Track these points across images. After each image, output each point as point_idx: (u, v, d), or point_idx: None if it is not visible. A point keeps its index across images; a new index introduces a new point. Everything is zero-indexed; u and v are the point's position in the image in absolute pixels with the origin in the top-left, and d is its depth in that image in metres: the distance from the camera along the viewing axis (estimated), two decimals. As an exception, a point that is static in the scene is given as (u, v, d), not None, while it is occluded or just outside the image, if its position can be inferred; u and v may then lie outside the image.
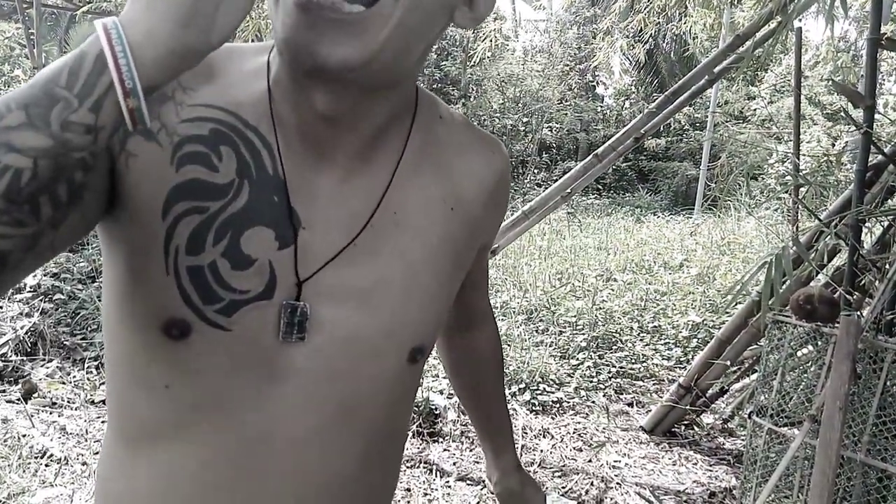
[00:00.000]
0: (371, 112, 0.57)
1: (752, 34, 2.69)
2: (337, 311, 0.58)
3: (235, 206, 0.54)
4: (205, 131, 0.54)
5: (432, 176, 0.63)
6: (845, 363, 1.49)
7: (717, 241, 6.57)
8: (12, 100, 0.39)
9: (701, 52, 10.10)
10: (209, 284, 0.54)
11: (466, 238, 0.66)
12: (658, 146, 11.92)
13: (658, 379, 3.70)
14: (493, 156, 0.69)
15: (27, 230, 0.41)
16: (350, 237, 0.58)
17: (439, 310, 0.66)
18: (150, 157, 0.52)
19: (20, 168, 0.38)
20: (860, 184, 1.82)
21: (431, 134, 0.64)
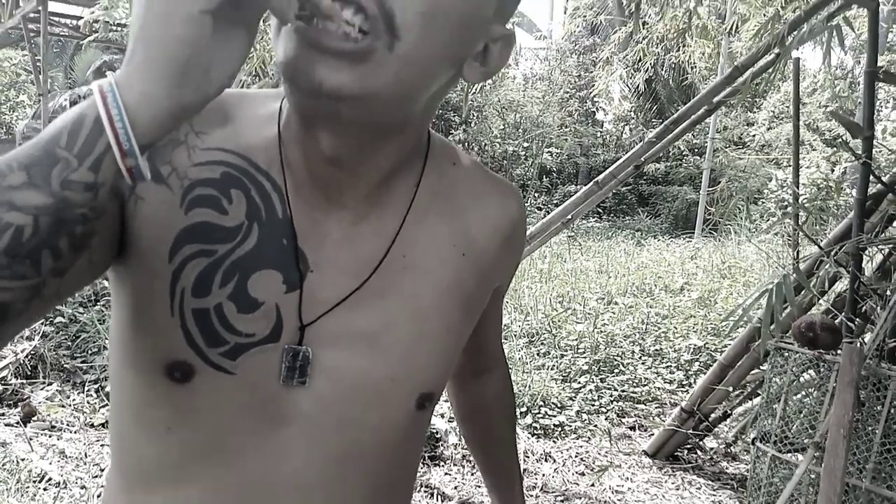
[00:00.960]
0: (378, 156, 0.56)
1: (751, 65, 2.74)
2: (342, 355, 0.57)
3: (244, 249, 0.54)
4: (216, 174, 0.55)
5: (443, 220, 0.63)
6: (848, 391, 1.50)
7: (717, 265, 6.59)
8: (15, 160, 0.40)
9: (700, 80, 10.22)
10: (214, 327, 0.54)
11: (478, 283, 0.65)
12: (658, 171, 11.99)
13: (660, 402, 3.70)
14: (508, 201, 0.68)
15: (29, 282, 0.42)
16: (358, 281, 0.58)
17: (448, 356, 0.64)
18: (159, 201, 0.53)
19: (21, 225, 0.39)
20: (860, 212, 1.84)
21: (444, 178, 0.64)
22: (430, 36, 0.48)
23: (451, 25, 0.49)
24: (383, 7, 0.45)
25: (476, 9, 0.51)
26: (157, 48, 0.40)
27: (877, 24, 1.95)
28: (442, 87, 0.55)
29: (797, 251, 2.56)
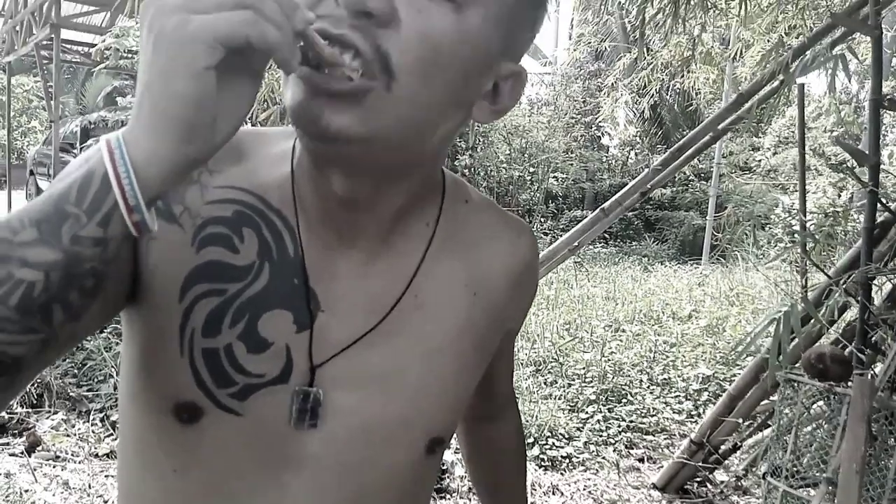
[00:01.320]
0: (389, 196, 0.57)
1: (755, 92, 2.74)
2: (352, 397, 0.57)
3: (254, 289, 0.54)
4: (228, 213, 0.55)
5: (455, 260, 0.62)
6: (860, 425, 1.47)
7: (725, 292, 6.54)
8: (26, 216, 0.41)
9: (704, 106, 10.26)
10: (224, 368, 0.53)
11: (489, 325, 0.65)
12: (664, 196, 11.97)
13: (669, 433, 3.64)
14: (520, 240, 0.68)
15: (41, 335, 0.42)
16: (370, 320, 0.58)
17: (459, 399, 0.64)
18: (171, 240, 0.53)
19: (32, 281, 0.40)
20: (868, 241, 1.82)
21: (456, 217, 0.64)
22: (429, 79, 0.48)
23: (453, 69, 0.49)
24: (378, 50, 0.46)
25: (479, 51, 0.51)
26: (162, 106, 0.40)
27: (880, 51, 1.95)
28: (452, 129, 0.55)
29: (805, 279, 2.53)
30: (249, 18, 0.39)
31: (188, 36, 0.38)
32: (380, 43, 0.46)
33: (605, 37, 11.21)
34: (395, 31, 0.46)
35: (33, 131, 18.81)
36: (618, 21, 10.79)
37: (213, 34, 0.39)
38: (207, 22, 0.39)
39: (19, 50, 9.34)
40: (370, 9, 0.45)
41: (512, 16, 0.53)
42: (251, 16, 0.39)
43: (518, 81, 0.56)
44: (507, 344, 0.75)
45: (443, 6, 0.48)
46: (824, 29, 2.67)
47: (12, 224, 0.40)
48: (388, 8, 0.46)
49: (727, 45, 5.95)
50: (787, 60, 2.50)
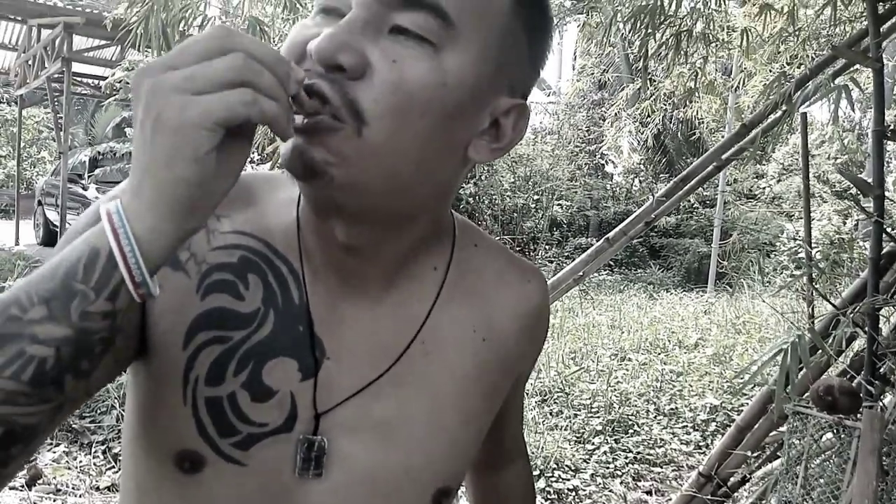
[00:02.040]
0: (393, 243, 0.56)
1: (758, 123, 2.75)
2: (358, 446, 0.56)
3: (259, 336, 0.54)
4: (234, 259, 0.55)
5: (465, 306, 0.62)
6: (871, 459, 1.45)
7: (731, 320, 6.50)
8: (34, 293, 0.41)
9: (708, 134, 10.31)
10: (227, 416, 0.53)
11: (500, 372, 0.64)
12: (669, 223, 11.98)
13: (677, 465, 3.59)
14: (530, 286, 0.67)
15: (54, 403, 0.43)
16: (377, 368, 0.57)
17: (467, 448, 0.62)
18: (176, 287, 0.53)
19: (44, 357, 0.41)
20: (874, 272, 1.81)
21: (466, 263, 0.63)
22: (405, 125, 0.48)
23: (432, 113, 0.48)
24: (346, 97, 0.46)
25: (464, 90, 0.50)
26: (166, 190, 0.40)
27: (882, 83, 1.96)
28: (450, 172, 0.55)
29: (812, 308, 2.52)
30: (248, 98, 0.40)
31: (190, 123, 0.39)
32: (348, 91, 0.46)
33: (608, 67, 11.33)
34: (368, 82, 0.46)
35: (42, 162, 19.02)
36: (620, 52, 10.92)
37: (214, 119, 0.39)
38: (209, 106, 0.39)
39: (31, 83, 9.51)
40: (341, 62, 0.46)
41: (502, 52, 0.52)
42: (250, 95, 0.40)
43: (521, 116, 0.55)
44: (517, 390, 0.73)
45: (419, 51, 0.47)
46: (826, 60, 2.69)
47: (21, 301, 0.41)
48: (358, 61, 0.46)
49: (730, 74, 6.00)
50: (790, 91, 2.51)
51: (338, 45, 0.46)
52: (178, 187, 0.40)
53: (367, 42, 0.47)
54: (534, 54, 0.56)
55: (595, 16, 3.19)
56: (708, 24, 3.13)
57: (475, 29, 0.49)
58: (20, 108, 11.64)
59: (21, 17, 8.77)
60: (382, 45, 0.47)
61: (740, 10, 3.77)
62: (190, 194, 0.41)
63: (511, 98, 0.54)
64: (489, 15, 0.50)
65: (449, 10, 0.48)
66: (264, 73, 0.40)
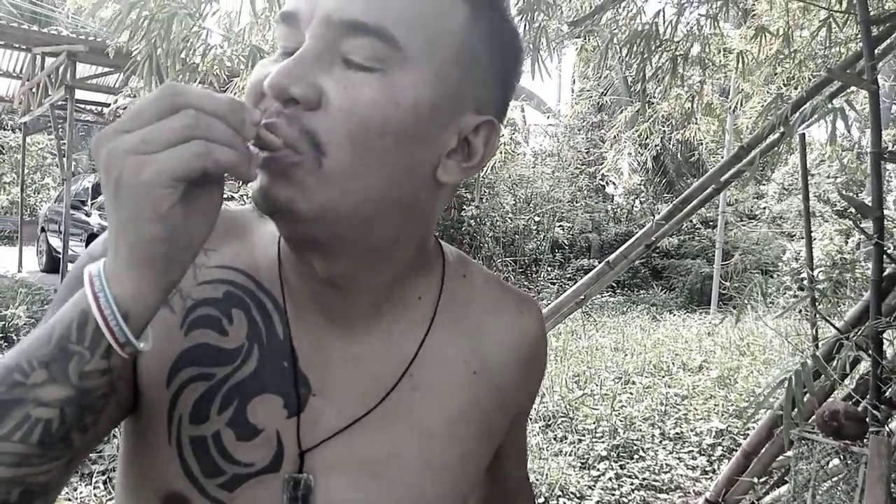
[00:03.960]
0: (373, 274, 0.55)
1: (756, 145, 2.76)
2: (344, 484, 0.54)
3: (243, 373, 0.53)
4: (219, 294, 0.54)
5: (455, 337, 0.60)
6: (879, 486, 1.43)
7: (735, 342, 6.45)
8: (34, 358, 0.43)
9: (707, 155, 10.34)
10: (212, 456, 0.52)
11: (496, 406, 0.61)
12: (671, 244, 11.97)
13: (684, 491, 3.54)
14: (524, 317, 0.65)
15: (64, 459, 0.44)
16: (364, 404, 0.55)
17: (462, 486, 0.60)
18: (160, 325, 0.52)
19: (49, 419, 0.42)
20: (877, 294, 1.80)
21: (456, 294, 0.62)
22: (365, 151, 0.47)
23: (390, 135, 0.48)
24: (303, 129, 0.46)
25: (422, 111, 0.49)
26: (138, 250, 0.41)
27: (878, 105, 1.97)
28: (426, 196, 0.53)
29: (816, 330, 2.49)
30: (201, 150, 0.40)
31: (145, 183, 0.39)
32: (304, 123, 0.46)
33: (607, 89, 11.41)
34: (324, 112, 0.47)
35: (46, 188, 19.11)
36: (619, 74, 11.01)
37: (170, 176, 0.40)
38: (162, 164, 0.39)
39: (35, 110, 9.59)
40: (294, 95, 0.46)
41: (461, 69, 0.50)
42: (203, 147, 0.40)
43: (491, 132, 0.54)
44: (518, 426, 0.70)
45: (368, 76, 0.47)
46: (822, 82, 2.70)
47: (22, 367, 0.42)
48: (311, 91, 0.46)
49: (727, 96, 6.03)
50: (787, 113, 2.52)
51: (290, 77, 0.46)
52: (149, 245, 0.41)
53: (320, 73, 0.47)
54: (499, 69, 0.54)
55: (592, 40, 3.22)
56: (704, 48, 3.16)
57: (427, 49, 0.48)
58: (24, 135, 11.73)
59: (25, 45, 8.87)
60: (335, 75, 0.47)
61: (737, 32, 3.80)
62: (164, 250, 0.41)
63: (479, 115, 0.53)
64: (442, 34, 0.49)
65: (395, 34, 0.47)
66: (216, 124, 0.41)
